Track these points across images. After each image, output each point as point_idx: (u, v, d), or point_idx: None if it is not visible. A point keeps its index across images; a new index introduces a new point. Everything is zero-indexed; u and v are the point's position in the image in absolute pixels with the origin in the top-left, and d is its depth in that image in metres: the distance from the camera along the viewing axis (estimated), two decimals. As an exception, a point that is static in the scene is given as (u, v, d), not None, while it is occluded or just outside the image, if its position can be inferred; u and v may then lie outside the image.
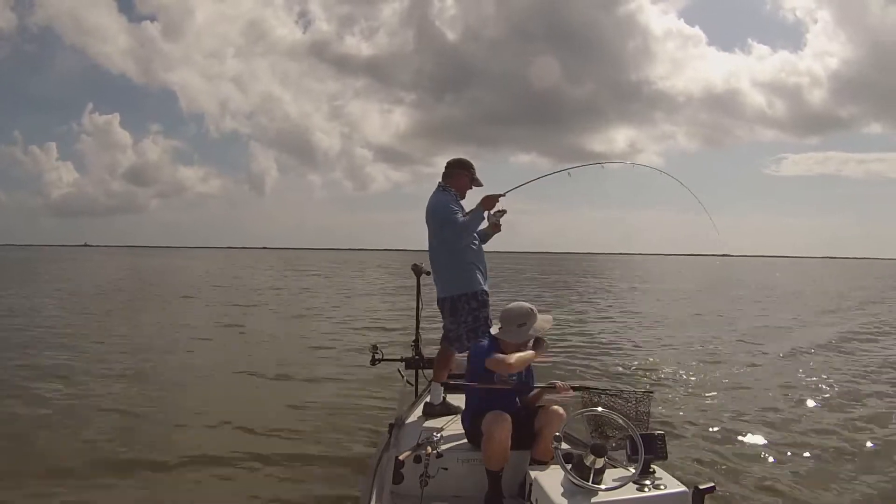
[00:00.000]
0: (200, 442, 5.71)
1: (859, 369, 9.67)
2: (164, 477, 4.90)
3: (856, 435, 6.06)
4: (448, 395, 4.38)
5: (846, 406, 7.22)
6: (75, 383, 7.98)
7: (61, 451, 5.39)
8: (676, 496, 2.81)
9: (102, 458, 5.25)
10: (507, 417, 3.35)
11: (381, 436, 4.13)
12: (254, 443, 5.68)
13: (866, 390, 8.12)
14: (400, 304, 18.76)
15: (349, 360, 9.85)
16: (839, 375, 9.12)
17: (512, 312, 3.58)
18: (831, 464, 5.26)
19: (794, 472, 5.07)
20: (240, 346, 11.51)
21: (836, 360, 10.60)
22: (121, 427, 6.14)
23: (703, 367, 9.67)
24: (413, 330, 5.25)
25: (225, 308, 18.77)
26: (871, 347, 12.23)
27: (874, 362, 10.37)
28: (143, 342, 11.60)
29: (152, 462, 5.18)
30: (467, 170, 4.50)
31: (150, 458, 5.27)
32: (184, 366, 9.47)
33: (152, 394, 7.56)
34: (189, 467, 5.10)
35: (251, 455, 5.38)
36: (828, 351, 11.58)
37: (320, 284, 32.27)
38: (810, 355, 10.94)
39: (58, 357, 9.80)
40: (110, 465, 5.12)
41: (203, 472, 5.04)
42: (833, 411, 6.97)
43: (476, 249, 4.40)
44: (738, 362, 10.16)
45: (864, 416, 6.75)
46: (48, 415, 6.51)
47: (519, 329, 3.54)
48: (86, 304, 18.98)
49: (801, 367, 9.69)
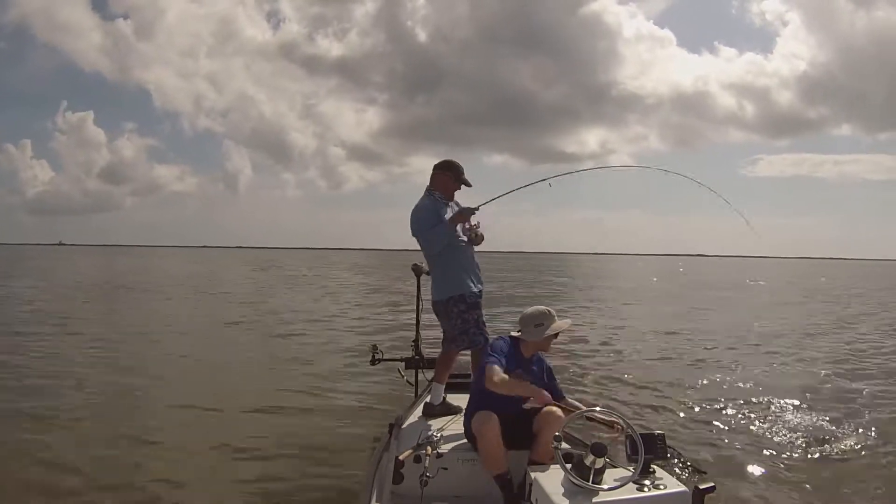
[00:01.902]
0: (199, 441, 5.70)
1: (858, 369, 9.69)
2: (164, 477, 4.90)
3: (855, 434, 6.06)
4: (448, 395, 4.38)
5: (844, 404, 7.22)
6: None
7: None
8: (676, 496, 2.81)
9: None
10: (493, 416, 3.36)
11: (381, 436, 4.13)
12: (253, 442, 5.68)
13: (861, 387, 8.14)
14: (380, 302, 18.70)
15: (349, 359, 9.85)
16: (826, 369, 9.24)
17: (529, 314, 3.68)
18: (831, 463, 5.26)
19: (794, 471, 5.07)
20: (238, 346, 11.50)
21: (820, 352, 10.68)
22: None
23: (687, 368, 9.74)
24: (413, 330, 5.25)
25: (220, 307, 18.83)
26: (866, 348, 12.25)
27: (873, 363, 10.39)
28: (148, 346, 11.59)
29: (151, 461, 5.18)
30: (450, 171, 4.44)
31: (149, 454, 5.28)
32: (184, 365, 9.50)
33: (157, 390, 7.58)
34: (187, 467, 5.09)
35: (250, 455, 5.39)
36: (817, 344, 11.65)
37: (308, 283, 32.35)
38: (800, 351, 10.98)
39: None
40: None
41: (201, 471, 5.03)
42: (830, 409, 6.97)
43: (464, 252, 4.39)
44: (722, 360, 10.24)
45: (864, 415, 6.75)
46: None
47: (536, 329, 3.63)
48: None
49: (790, 364, 9.73)
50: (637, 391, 7.99)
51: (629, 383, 8.43)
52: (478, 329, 4.32)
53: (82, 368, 9.03)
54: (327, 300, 22.51)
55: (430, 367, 4.96)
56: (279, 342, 12.10)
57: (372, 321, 15.55)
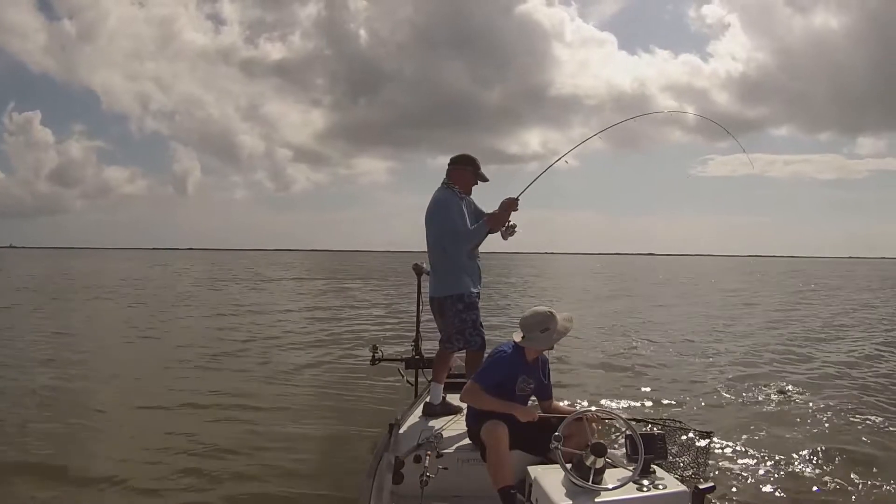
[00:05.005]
0: (198, 440, 5.70)
1: (854, 366, 9.69)
2: (162, 476, 4.90)
3: (855, 433, 6.06)
4: (448, 395, 4.38)
5: (841, 404, 7.22)
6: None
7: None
8: (676, 496, 2.81)
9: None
10: (502, 426, 3.29)
11: (381, 436, 4.13)
12: (253, 442, 5.68)
13: (856, 382, 8.16)
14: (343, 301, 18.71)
15: (349, 359, 9.85)
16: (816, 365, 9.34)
17: (532, 319, 3.48)
18: (831, 462, 5.25)
19: (794, 471, 5.06)
20: (237, 346, 11.49)
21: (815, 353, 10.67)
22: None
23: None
24: (412, 330, 5.25)
25: (206, 309, 18.84)
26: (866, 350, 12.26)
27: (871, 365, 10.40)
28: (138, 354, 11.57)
29: (151, 464, 5.18)
30: (471, 166, 4.42)
31: (151, 461, 5.28)
32: (182, 363, 9.50)
33: (148, 392, 7.58)
34: (186, 467, 5.09)
35: (250, 455, 5.38)
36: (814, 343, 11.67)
37: (292, 285, 32.31)
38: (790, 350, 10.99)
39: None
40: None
41: (200, 471, 5.02)
42: (828, 409, 6.97)
43: (470, 251, 4.36)
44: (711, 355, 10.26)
45: (863, 414, 6.75)
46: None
47: (543, 335, 3.45)
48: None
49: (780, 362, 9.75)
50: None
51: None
52: (474, 330, 4.31)
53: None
54: (327, 300, 22.52)
55: (430, 368, 4.95)
56: (279, 342, 12.10)
57: (373, 321, 15.56)
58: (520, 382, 3.51)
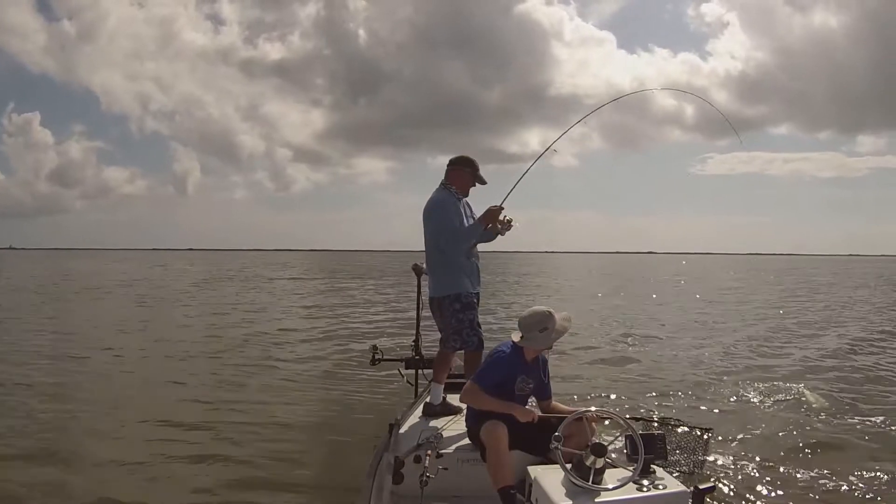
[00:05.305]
0: (197, 440, 5.71)
1: (854, 367, 9.69)
2: (162, 476, 4.90)
3: (856, 430, 6.05)
4: (448, 395, 4.38)
5: (842, 400, 7.22)
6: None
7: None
8: (676, 496, 2.81)
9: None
10: (501, 426, 3.30)
11: (381, 436, 4.13)
12: (253, 442, 5.68)
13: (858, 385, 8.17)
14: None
15: (349, 360, 9.85)
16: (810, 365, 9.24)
17: (530, 319, 3.48)
18: (831, 461, 5.25)
19: (794, 470, 5.06)
20: (236, 346, 11.50)
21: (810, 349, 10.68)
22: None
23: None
24: (412, 330, 5.25)
25: (206, 308, 18.88)
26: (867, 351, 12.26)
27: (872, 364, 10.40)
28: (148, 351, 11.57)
29: (151, 464, 5.18)
30: (470, 167, 4.43)
31: (151, 461, 5.27)
32: (182, 362, 9.50)
33: (148, 392, 7.57)
34: (185, 466, 5.10)
35: (250, 455, 5.38)
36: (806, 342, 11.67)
37: (296, 284, 32.30)
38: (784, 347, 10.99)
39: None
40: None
41: (199, 470, 5.03)
42: (828, 407, 6.97)
43: (468, 251, 4.37)
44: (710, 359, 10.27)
45: (864, 413, 6.75)
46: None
47: (542, 334, 3.45)
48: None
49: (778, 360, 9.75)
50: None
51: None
52: (472, 330, 4.31)
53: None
54: (326, 300, 22.52)
55: (430, 368, 4.95)
56: (276, 342, 12.11)
57: (371, 321, 15.56)
58: (519, 382, 3.52)
